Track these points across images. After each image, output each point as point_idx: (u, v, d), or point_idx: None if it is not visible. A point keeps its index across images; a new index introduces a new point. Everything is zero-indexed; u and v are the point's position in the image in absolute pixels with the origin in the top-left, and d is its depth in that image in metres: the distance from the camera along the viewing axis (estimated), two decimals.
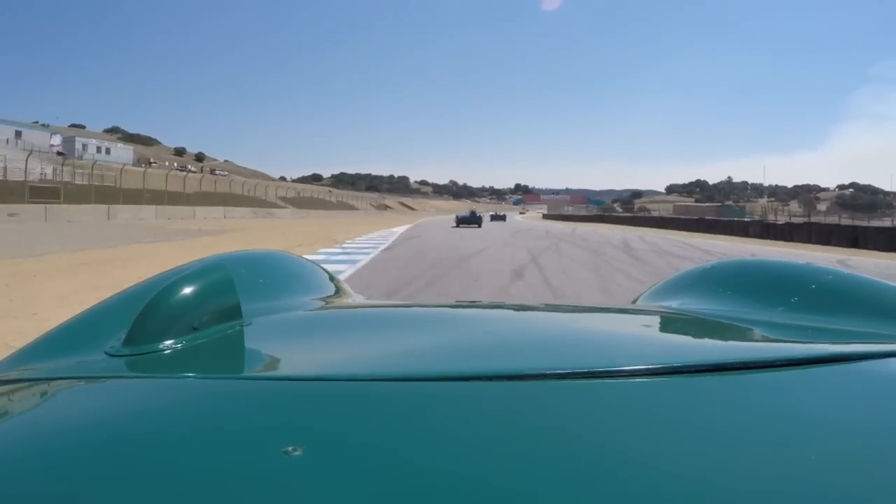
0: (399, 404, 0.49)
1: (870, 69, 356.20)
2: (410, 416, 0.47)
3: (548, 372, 0.54)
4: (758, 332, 0.81)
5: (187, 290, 0.70)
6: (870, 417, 0.49)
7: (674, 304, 1.06)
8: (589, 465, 0.40)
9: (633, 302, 1.19)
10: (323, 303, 1.08)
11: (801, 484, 0.37)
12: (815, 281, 0.94)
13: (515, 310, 1.12)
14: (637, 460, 0.40)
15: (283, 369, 0.65)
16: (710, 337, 0.86)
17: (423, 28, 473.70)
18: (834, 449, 0.42)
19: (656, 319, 0.96)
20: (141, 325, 0.66)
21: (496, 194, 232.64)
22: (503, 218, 64.89)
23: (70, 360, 0.67)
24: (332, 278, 1.25)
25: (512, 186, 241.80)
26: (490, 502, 0.35)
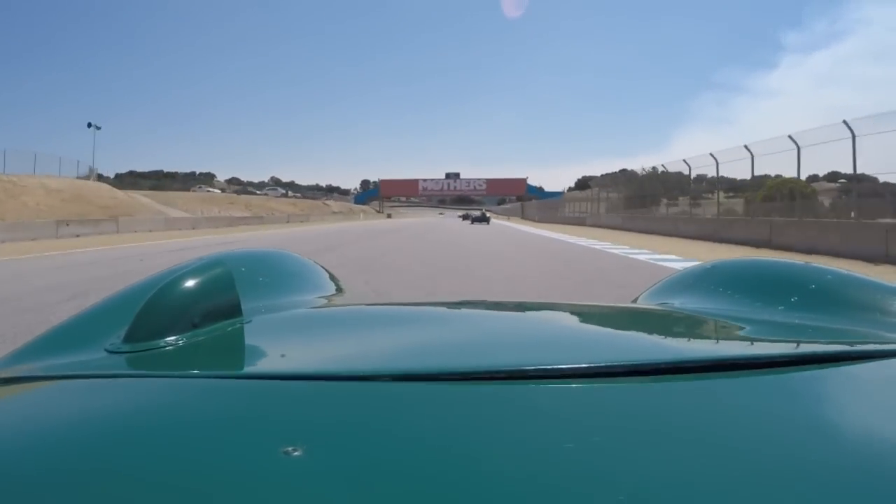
0: (400, 403, 0.49)
1: (712, 76, 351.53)
2: (411, 415, 0.47)
3: (549, 370, 0.54)
4: (757, 331, 0.82)
5: (187, 288, 0.70)
6: (870, 418, 0.49)
7: (674, 303, 1.07)
8: (588, 465, 0.40)
9: (634, 301, 1.20)
10: (323, 301, 1.08)
11: (800, 484, 0.37)
12: (814, 281, 0.95)
13: (515, 308, 1.13)
14: (635, 460, 0.40)
15: (283, 368, 0.65)
16: (710, 336, 0.87)
17: (254, 17, 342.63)
18: (834, 449, 0.42)
19: (657, 318, 0.97)
20: (141, 322, 0.66)
21: (335, 191, 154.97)
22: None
23: (70, 357, 0.67)
24: (332, 277, 1.25)
25: (357, 185, 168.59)
26: (490, 501, 0.35)
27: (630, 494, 0.36)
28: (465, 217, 61.46)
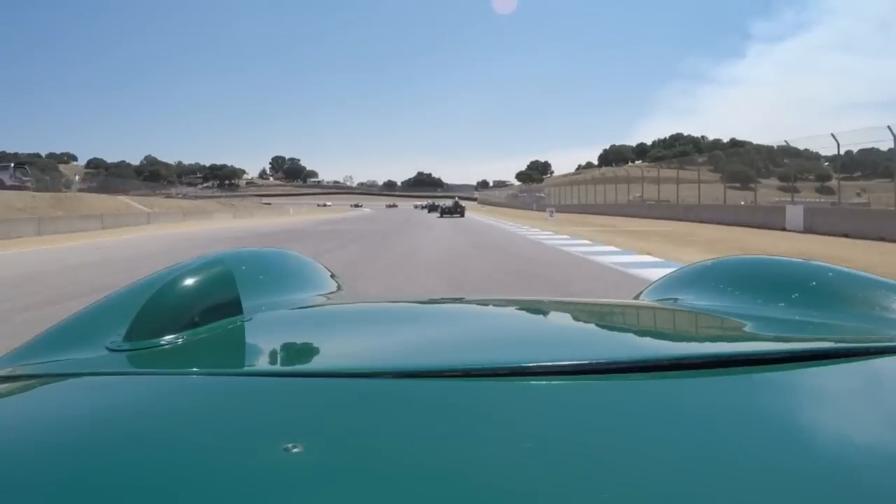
0: (400, 401, 0.49)
1: (678, 66, 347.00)
2: (412, 412, 0.47)
3: (551, 366, 0.54)
4: (758, 328, 0.82)
5: (188, 286, 0.70)
6: (872, 414, 0.49)
7: (675, 299, 1.07)
8: (590, 460, 0.40)
9: (636, 297, 1.20)
10: (323, 299, 1.08)
11: (801, 480, 0.37)
12: (815, 278, 0.95)
13: (517, 305, 1.12)
14: (638, 455, 0.40)
15: (283, 365, 0.65)
16: (711, 332, 0.87)
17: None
18: (834, 446, 0.43)
19: (658, 315, 0.97)
20: (142, 320, 0.66)
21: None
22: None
23: (71, 355, 0.67)
24: (332, 275, 1.26)
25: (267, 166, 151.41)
26: (489, 500, 0.35)
27: (632, 490, 0.36)
28: (431, 208, 46.38)
